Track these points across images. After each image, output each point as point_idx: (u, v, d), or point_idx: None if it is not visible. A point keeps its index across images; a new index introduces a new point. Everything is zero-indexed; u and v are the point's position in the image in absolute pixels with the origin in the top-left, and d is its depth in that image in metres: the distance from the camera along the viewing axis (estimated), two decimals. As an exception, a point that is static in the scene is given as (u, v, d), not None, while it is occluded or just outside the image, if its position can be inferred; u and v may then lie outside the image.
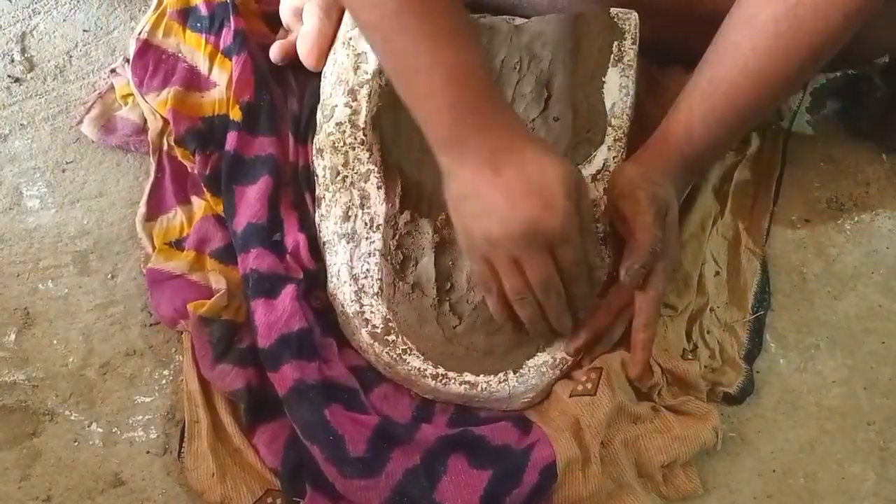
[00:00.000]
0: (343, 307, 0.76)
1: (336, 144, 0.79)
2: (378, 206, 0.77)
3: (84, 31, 0.93)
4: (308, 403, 0.70)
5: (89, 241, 0.82)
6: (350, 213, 0.77)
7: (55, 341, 0.78)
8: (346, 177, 0.79)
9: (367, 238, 0.76)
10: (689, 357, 0.80)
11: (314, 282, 0.78)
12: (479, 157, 0.64)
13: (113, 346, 0.78)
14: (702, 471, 0.76)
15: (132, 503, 0.71)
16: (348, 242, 0.77)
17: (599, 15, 0.85)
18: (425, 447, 0.70)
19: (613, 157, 0.80)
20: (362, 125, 0.80)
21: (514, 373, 0.74)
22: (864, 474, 0.78)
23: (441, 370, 0.74)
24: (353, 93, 0.81)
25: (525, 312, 0.69)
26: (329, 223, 0.78)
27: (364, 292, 0.75)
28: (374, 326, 0.74)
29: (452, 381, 0.74)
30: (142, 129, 0.86)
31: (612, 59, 0.83)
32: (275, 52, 0.87)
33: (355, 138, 0.79)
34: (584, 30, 0.84)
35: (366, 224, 0.77)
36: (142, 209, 0.82)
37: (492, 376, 0.74)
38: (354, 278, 0.76)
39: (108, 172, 0.86)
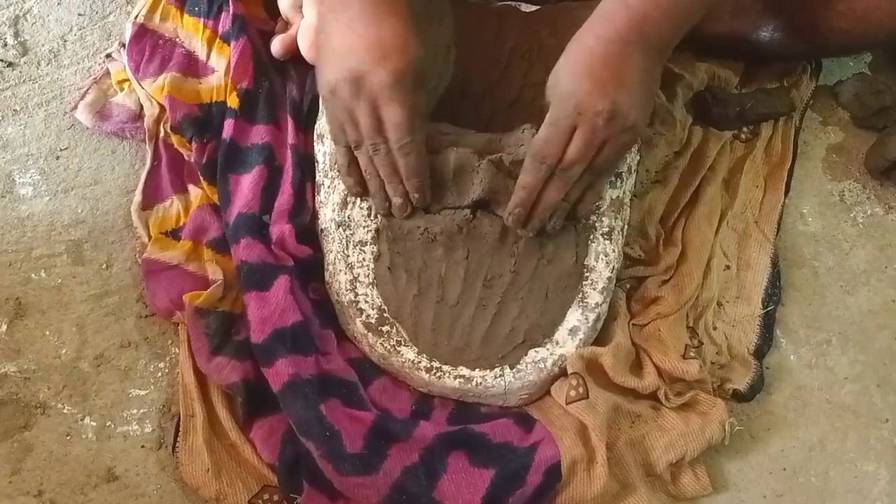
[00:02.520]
0: (338, 296, 0.75)
1: None
2: (377, 195, 0.76)
3: (79, 14, 0.91)
4: (303, 399, 0.68)
5: (83, 230, 0.81)
6: (348, 201, 0.76)
7: (48, 332, 0.76)
8: None
9: (364, 226, 0.75)
10: (692, 355, 0.78)
11: (310, 272, 0.76)
12: (351, 12, 0.67)
13: (107, 337, 0.76)
14: (711, 469, 0.75)
15: (126, 498, 0.70)
16: (345, 230, 0.76)
17: None
18: (424, 444, 0.69)
19: None
20: None
21: (511, 368, 0.73)
22: (877, 473, 0.78)
23: (435, 363, 0.73)
24: None
25: (351, 177, 0.73)
26: (327, 210, 0.77)
27: (359, 282, 0.74)
28: (368, 317, 0.73)
29: (447, 374, 0.73)
30: (138, 115, 0.85)
31: None
32: (276, 46, 0.85)
33: None
34: None
35: (363, 212, 0.76)
36: (137, 198, 0.81)
37: (487, 371, 0.73)
38: (350, 267, 0.74)
39: (103, 160, 0.85)
